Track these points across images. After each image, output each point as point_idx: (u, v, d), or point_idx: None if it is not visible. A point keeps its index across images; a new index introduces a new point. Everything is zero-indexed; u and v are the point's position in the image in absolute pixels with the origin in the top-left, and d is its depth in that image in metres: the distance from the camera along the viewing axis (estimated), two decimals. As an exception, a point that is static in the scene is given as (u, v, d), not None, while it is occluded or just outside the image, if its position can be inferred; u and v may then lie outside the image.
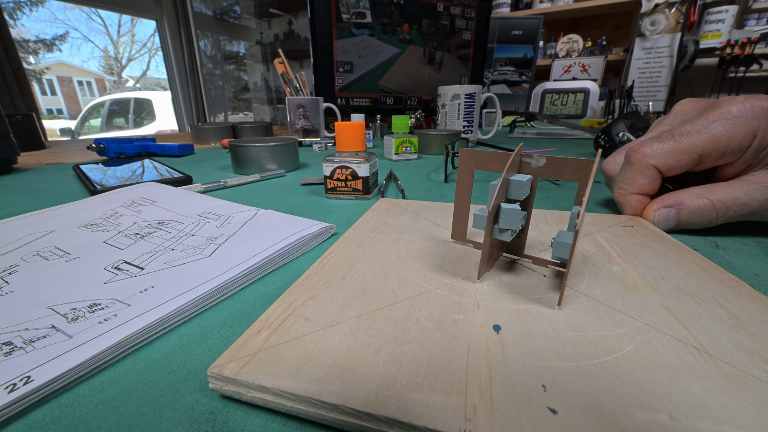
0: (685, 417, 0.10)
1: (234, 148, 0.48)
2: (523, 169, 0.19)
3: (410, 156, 0.59)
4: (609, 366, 0.12)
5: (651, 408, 0.10)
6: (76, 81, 4.98)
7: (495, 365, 0.12)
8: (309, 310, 0.15)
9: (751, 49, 1.76)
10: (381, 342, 0.13)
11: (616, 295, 0.16)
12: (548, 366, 0.12)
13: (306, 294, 0.16)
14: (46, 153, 0.73)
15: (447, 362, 0.12)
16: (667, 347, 0.13)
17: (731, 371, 0.12)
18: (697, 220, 0.25)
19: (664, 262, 0.20)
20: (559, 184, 0.42)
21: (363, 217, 0.27)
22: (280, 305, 0.15)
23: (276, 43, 2.83)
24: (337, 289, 0.17)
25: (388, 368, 0.12)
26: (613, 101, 1.37)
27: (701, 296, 0.16)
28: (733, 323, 0.14)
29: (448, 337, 0.13)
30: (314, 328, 0.14)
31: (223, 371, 0.12)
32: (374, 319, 0.14)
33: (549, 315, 0.15)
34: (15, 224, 0.26)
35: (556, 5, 2.17)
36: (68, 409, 0.12)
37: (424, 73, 1.00)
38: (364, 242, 0.22)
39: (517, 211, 0.16)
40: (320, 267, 0.19)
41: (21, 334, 0.14)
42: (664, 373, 0.12)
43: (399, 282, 0.17)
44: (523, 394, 0.11)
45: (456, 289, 0.17)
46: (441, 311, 0.15)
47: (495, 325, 0.14)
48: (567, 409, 0.10)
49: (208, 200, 0.31)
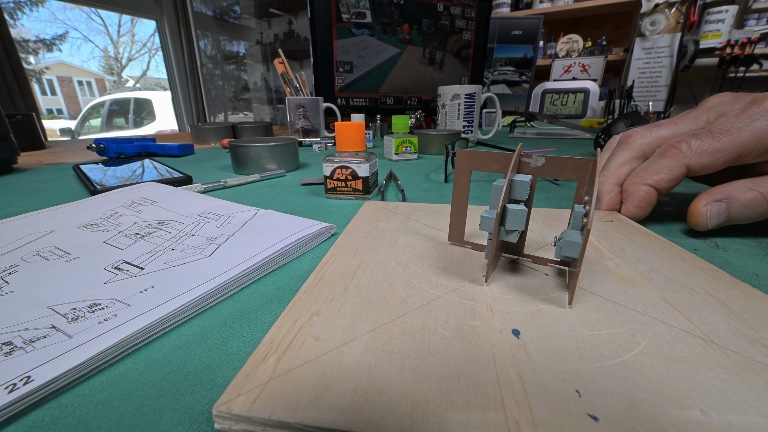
0: (714, 410, 0.10)
1: (234, 148, 0.48)
2: (523, 169, 0.19)
3: (410, 156, 0.59)
4: (632, 364, 0.12)
5: (682, 405, 0.10)
6: (76, 81, 4.98)
7: (524, 373, 0.11)
8: (317, 327, 0.14)
9: (751, 49, 1.76)
10: (403, 357, 0.12)
11: (617, 291, 0.17)
12: (575, 369, 0.12)
13: (309, 309, 0.15)
14: (46, 153, 0.73)
15: (476, 374, 0.11)
16: (677, 340, 0.13)
17: (739, 359, 0.12)
18: (748, 213, 0.23)
19: (649, 255, 0.20)
20: (559, 184, 0.42)
21: (352, 221, 0.26)
22: (284, 324, 0.14)
23: (276, 43, 2.83)
24: (342, 302, 0.16)
25: (417, 386, 0.11)
26: (613, 101, 1.37)
27: (691, 286, 0.17)
28: (725, 311, 0.15)
29: (470, 346, 0.13)
30: (327, 348, 0.13)
31: (231, 408, 0.10)
32: (389, 333, 0.14)
33: (562, 315, 0.15)
34: (15, 224, 0.26)
35: (556, 5, 2.17)
36: (68, 409, 0.12)
37: (424, 73, 1.00)
38: (360, 248, 0.21)
39: (524, 211, 0.16)
40: (319, 278, 0.18)
41: (21, 334, 0.14)
42: (682, 367, 0.12)
43: (406, 290, 0.17)
44: (560, 402, 0.10)
45: (465, 294, 0.16)
46: (456, 318, 0.14)
47: (513, 329, 0.14)
48: (606, 415, 0.10)
49: (208, 200, 0.31)
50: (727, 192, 0.24)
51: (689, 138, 0.25)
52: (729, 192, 0.24)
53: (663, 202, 0.34)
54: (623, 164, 0.29)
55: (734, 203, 0.23)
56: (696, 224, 0.24)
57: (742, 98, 0.25)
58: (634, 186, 0.27)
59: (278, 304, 0.17)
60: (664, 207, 0.32)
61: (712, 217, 0.24)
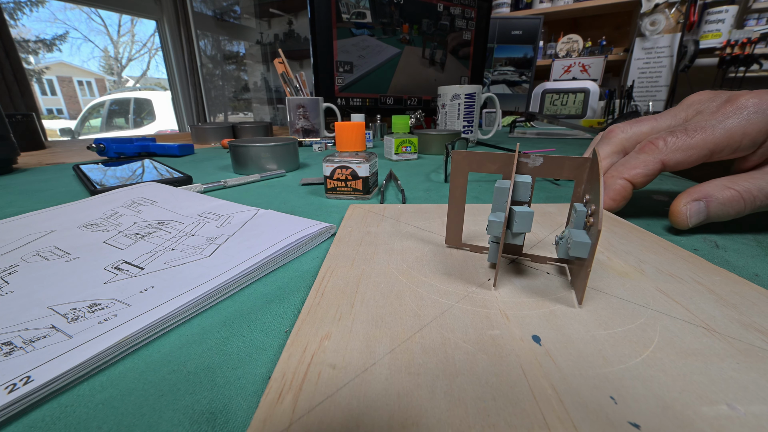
0: (737, 402, 0.10)
1: (234, 148, 0.48)
2: (521, 169, 0.19)
3: (410, 156, 0.59)
4: (652, 362, 0.12)
5: (709, 400, 0.11)
6: (76, 81, 4.98)
7: (556, 383, 0.11)
8: (330, 354, 0.13)
9: (751, 49, 1.76)
10: (431, 379, 0.11)
11: (616, 285, 0.17)
12: (603, 373, 0.12)
13: (318, 333, 0.14)
14: (46, 153, 0.73)
15: (510, 390, 0.11)
16: (684, 332, 0.14)
17: (742, 346, 0.13)
18: (726, 211, 0.24)
19: (634, 246, 0.21)
20: (559, 183, 0.43)
21: (341, 228, 0.25)
22: (293, 354, 0.13)
23: (276, 43, 2.83)
24: (351, 321, 0.14)
25: (454, 412, 0.10)
26: (613, 101, 1.37)
27: (679, 275, 0.18)
28: (715, 298, 0.16)
29: (496, 358, 0.12)
30: (348, 377, 0.11)
31: None
32: (410, 352, 0.13)
33: (575, 315, 0.15)
34: (15, 224, 0.26)
35: (556, 5, 2.17)
36: (68, 409, 0.12)
37: (424, 74, 1.00)
38: (356, 258, 0.20)
39: (530, 214, 0.16)
40: (320, 295, 0.16)
41: (21, 334, 0.14)
42: (697, 360, 0.12)
43: (415, 301, 0.16)
44: (599, 412, 0.10)
45: (476, 301, 0.16)
46: (474, 329, 0.14)
47: (533, 335, 0.14)
48: (646, 421, 0.10)
49: (208, 200, 0.31)
50: (705, 191, 0.24)
51: (666, 135, 0.25)
52: (707, 191, 0.24)
53: (663, 203, 0.34)
54: (604, 158, 0.30)
55: (713, 202, 0.24)
56: (677, 223, 0.25)
57: (719, 96, 0.26)
58: (612, 179, 0.27)
59: (278, 304, 0.17)
60: (663, 207, 0.32)
61: (692, 216, 0.24)
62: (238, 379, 0.13)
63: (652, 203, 0.33)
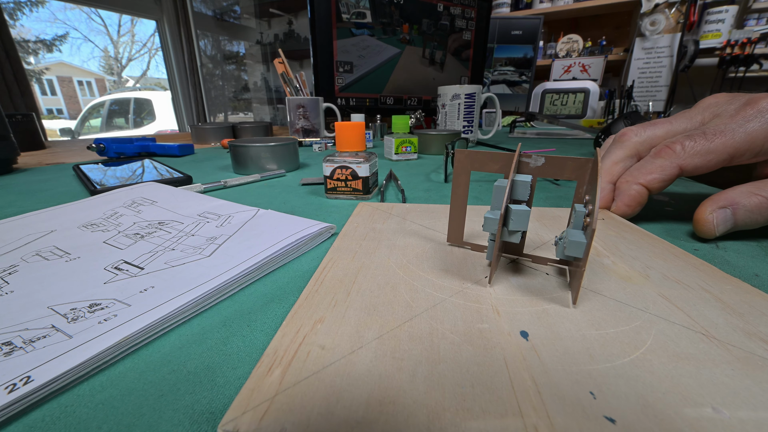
0: (724, 407, 0.10)
1: (234, 148, 0.48)
2: (523, 169, 0.19)
3: (410, 156, 0.59)
4: (641, 363, 0.12)
5: (694, 402, 0.10)
6: (76, 81, 4.98)
7: (537, 376, 0.11)
8: (321, 336, 0.13)
9: (751, 49, 1.76)
10: (413, 364, 0.12)
11: (617, 288, 0.17)
12: (587, 370, 0.12)
13: (312, 317, 0.15)
14: (46, 153, 0.73)
15: (489, 379, 0.11)
16: (680, 336, 0.13)
17: (740, 354, 0.12)
18: (755, 218, 0.23)
19: (643, 252, 0.21)
20: (560, 184, 0.43)
21: (348, 224, 0.26)
22: (287, 333, 0.13)
23: (276, 43, 2.83)
24: (345, 308, 0.15)
25: (431, 394, 0.11)
26: (613, 101, 1.37)
27: (686, 282, 0.17)
28: (721, 306, 0.15)
29: (481, 350, 0.13)
30: (334, 357, 0.12)
31: (239, 426, 0.10)
32: (397, 339, 0.13)
33: (568, 315, 0.15)
34: (15, 224, 0.26)
35: (556, 5, 2.17)
36: (68, 409, 0.12)
37: (424, 74, 1.00)
38: (359, 251, 0.21)
39: (527, 212, 0.16)
40: (319, 283, 0.17)
41: (21, 334, 0.14)
42: (689, 364, 0.12)
43: (410, 293, 0.16)
44: (576, 405, 0.10)
45: (470, 296, 0.16)
46: (464, 322, 0.14)
47: (522, 331, 0.14)
48: (623, 416, 0.10)
49: (208, 200, 0.31)
50: (731, 198, 0.23)
51: (683, 139, 0.25)
52: (733, 198, 0.23)
53: (663, 203, 0.34)
54: (617, 162, 0.29)
55: (740, 209, 0.23)
56: (703, 232, 0.24)
57: (738, 99, 0.25)
58: (627, 184, 0.27)
59: (278, 304, 0.17)
60: (664, 207, 0.32)
61: (719, 224, 0.23)
62: (238, 379, 0.13)
63: (652, 203, 0.33)
